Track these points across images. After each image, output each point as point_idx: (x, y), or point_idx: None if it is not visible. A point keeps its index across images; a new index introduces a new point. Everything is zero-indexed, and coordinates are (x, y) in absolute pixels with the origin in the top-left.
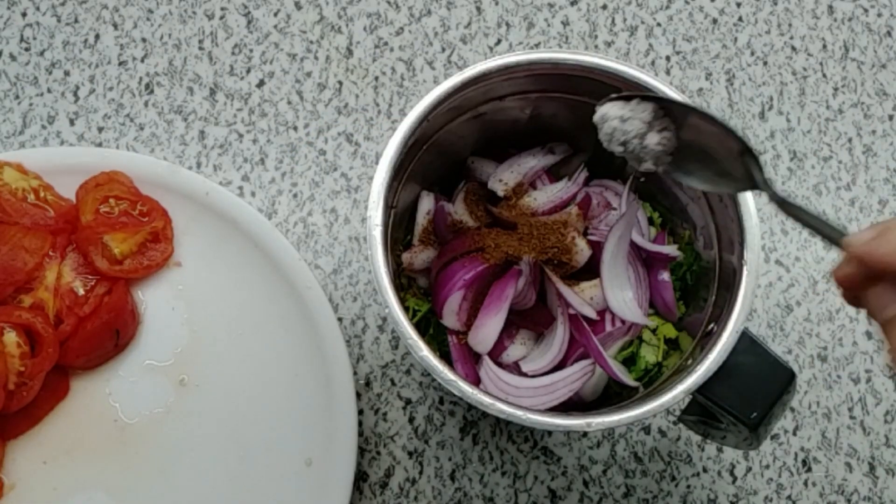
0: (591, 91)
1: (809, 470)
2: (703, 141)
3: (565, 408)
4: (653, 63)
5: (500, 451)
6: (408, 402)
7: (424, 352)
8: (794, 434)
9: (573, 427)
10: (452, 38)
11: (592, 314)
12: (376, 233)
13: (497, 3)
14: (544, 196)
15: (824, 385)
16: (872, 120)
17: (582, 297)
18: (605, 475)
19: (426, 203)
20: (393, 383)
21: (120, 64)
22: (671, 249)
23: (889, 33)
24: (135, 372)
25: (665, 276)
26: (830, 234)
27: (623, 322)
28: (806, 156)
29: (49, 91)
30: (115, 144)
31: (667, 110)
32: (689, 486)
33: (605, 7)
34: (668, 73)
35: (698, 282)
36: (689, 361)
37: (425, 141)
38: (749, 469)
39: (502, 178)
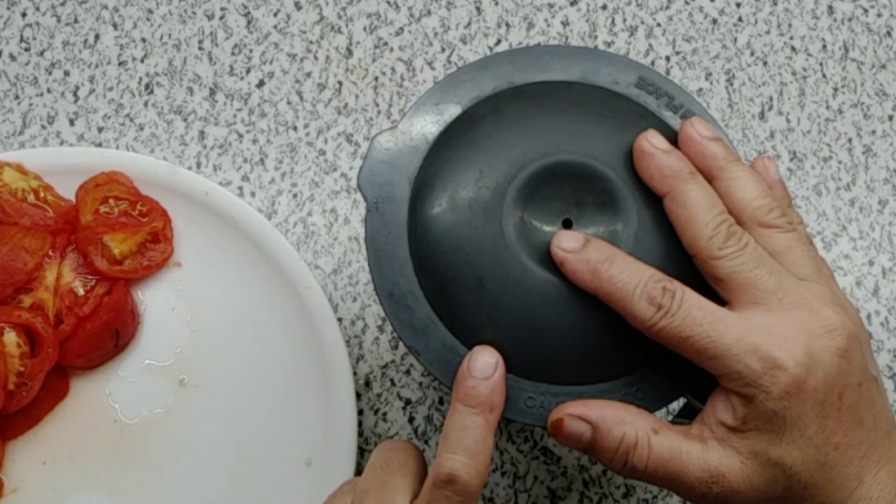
0: None
1: None
2: None
3: None
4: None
5: (499, 451)
6: (408, 402)
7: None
8: None
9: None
10: (452, 39)
11: None
12: None
13: (497, 4)
14: None
15: None
16: (872, 120)
17: None
18: (605, 475)
19: None
20: (393, 383)
21: (120, 64)
22: None
23: (889, 33)
24: (135, 372)
25: None
26: None
27: None
28: (806, 156)
29: (49, 91)
30: (115, 144)
31: None
32: None
33: (604, 7)
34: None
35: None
36: None
37: None
38: None
39: None
